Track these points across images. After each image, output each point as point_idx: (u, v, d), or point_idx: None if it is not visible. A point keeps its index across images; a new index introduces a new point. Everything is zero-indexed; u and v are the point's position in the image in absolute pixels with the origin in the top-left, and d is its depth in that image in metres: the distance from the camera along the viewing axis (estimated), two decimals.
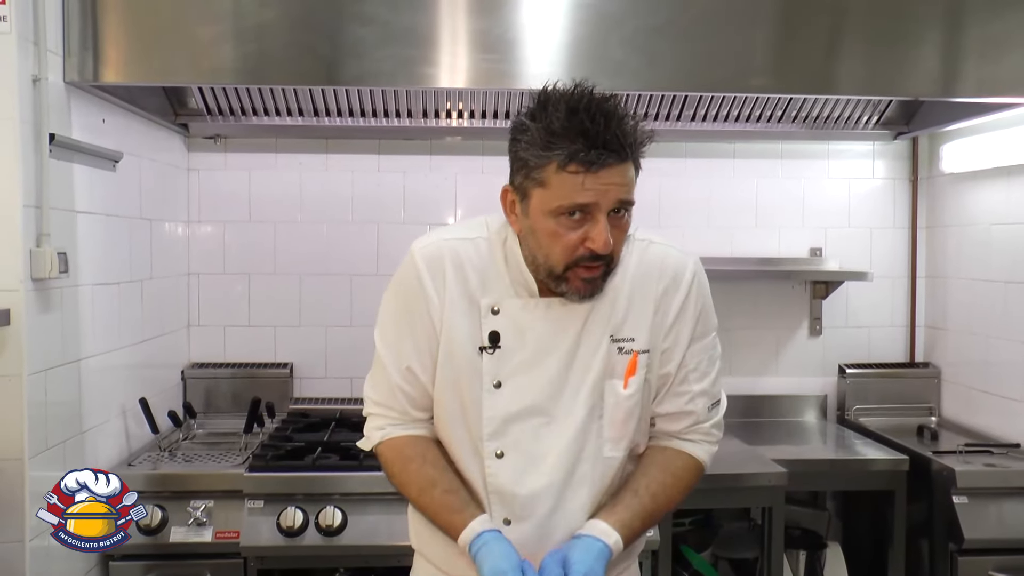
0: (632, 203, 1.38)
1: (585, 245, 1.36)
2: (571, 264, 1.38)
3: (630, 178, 1.37)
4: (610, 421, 1.48)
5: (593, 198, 1.33)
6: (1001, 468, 2.63)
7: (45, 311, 2.13)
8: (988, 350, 3.03)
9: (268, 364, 3.24)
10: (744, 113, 3.07)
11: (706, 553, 2.80)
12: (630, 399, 1.47)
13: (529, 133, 1.35)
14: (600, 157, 1.30)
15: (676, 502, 1.54)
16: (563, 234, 1.36)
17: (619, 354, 1.47)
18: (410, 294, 1.49)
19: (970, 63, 2.54)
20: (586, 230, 1.35)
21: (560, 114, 1.31)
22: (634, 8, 2.39)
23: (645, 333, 1.48)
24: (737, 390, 3.36)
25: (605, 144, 1.30)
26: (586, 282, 1.40)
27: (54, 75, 2.18)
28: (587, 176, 1.31)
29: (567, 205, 1.33)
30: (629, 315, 1.47)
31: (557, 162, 1.32)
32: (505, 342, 1.46)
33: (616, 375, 1.47)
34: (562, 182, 1.33)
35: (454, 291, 1.47)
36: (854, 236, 3.41)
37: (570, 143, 1.30)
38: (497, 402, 1.47)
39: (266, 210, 3.25)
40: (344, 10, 2.33)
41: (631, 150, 1.35)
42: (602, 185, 1.32)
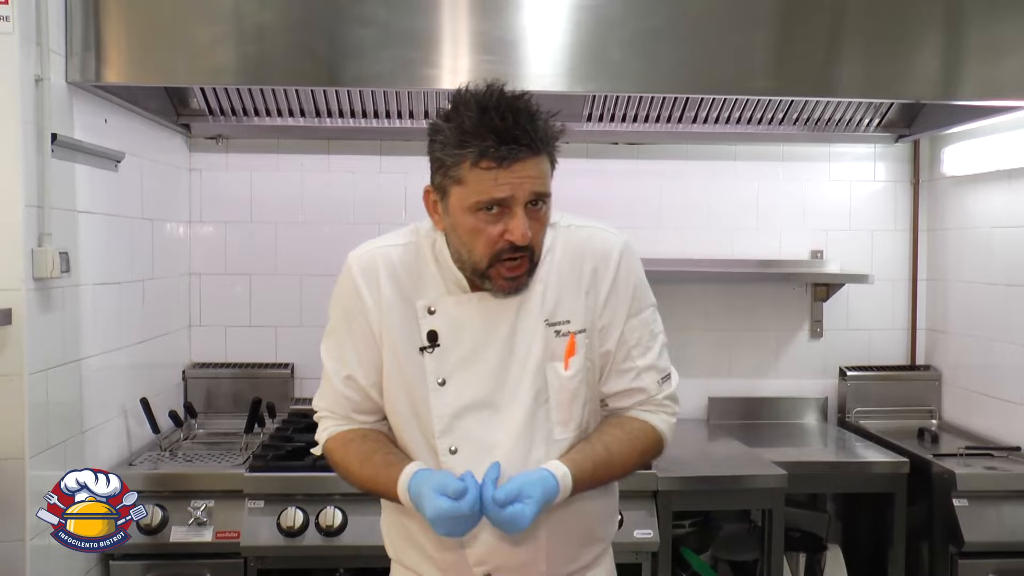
0: (548, 195, 1.43)
1: (504, 238, 1.39)
2: (493, 259, 1.42)
3: (544, 171, 1.41)
4: (557, 404, 1.50)
5: (508, 192, 1.37)
6: (1001, 471, 2.63)
7: (46, 311, 2.13)
8: (989, 353, 3.03)
9: (269, 364, 3.24)
10: (745, 115, 3.07)
11: (706, 555, 2.80)
12: (573, 379, 1.50)
13: (443, 133, 1.40)
14: (511, 152, 1.35)
15: (632, 461, 1.54)
16: (483, 229, 1.40)
17: (556, 337, 1.50)
18: (348, 304, 1.54)
19: (971, 66, 2.54)
20: (504, 223, 1.39)
21: (471, 113, 1.36)
22: (634, 10, 2.39)
23: (579, 314, 1.51)
24: (737, 392, 3.36)
25: (515, 139, 1.35)
26: (509, 280, 1.44)
27: (56, 75, 2.19)
28: (500, 171, 1.36)
29: (484, 200, 1.38)
30: (561, 298, 1.51)
31: (471, 159, 1.36)
32: (443, 340, 1.50)
33: (557, 358, 1.50)
34: (477, 178, 1.37)
35: (390, 296, 1.51)
36: (855, 238, 3.40)
37: (481, 140, 1.35)
38: (443, 399, 1.50)
39: (267, 210, 3.25)
40: (345, 11, 2.33)
41: (542, 144, 1.39)
42: (516, 179, 1.37)
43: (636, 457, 1.54)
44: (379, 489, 1.50)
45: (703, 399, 3.34)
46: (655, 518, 2.47)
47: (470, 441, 1.49)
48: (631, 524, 2.42)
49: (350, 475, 1.54)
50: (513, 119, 1.35)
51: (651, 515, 2.47)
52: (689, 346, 3.30)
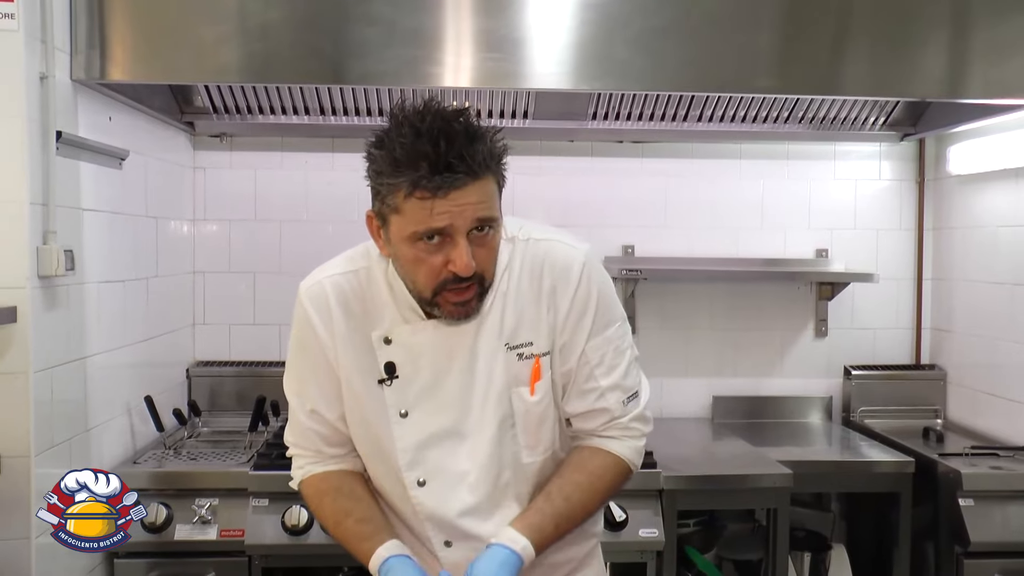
0: (494, 219, 1.33)
1: (448, 268, 1.32)
2: (438, 288, 1.34)
3: (487, 194, 1.31)
4: (523, 429, 1.46)
5: (447, 221, 1.28)
6: (1007, 471, 2.62)
7: (51, 309, 2.13)
8: (994, 352, 3.02)
9: (273, 363, 3.23)
10: (750, 114, 3.06)
11: (711, 554, 2.79)
12: (539, 404, 1.45)
13: (376, 162, 1.33)
14: (446, 181, 1.25)
15: (597, 501, 1.49)
16: (424, 259, 1.32)
17: (520, 360, 1.43)
18: (304, 337, 1.49)
19: (977, 64, 2.53)
20: (446, 253, 1.31)
21: (405, 139, 1.27)
22: (640, 8, 2.39)
23: (543, 335, 1.44)
24: (742, 391, 3.36)
25: (449, 167, 1.25)
26: (457, 305, 1.36)
27: (61, 73, 2.19)
28: (436, 200, 1.26)
29: (421, 231, 1.29)
30: (522, 319, 1.44)
31: (404, 190, 1.28)
32: (402, 370, 1.44)
33: (521, 382, 1.44)
34: (413, 208, 1.28)
35: (342, 328, 1.45)
36: (860, 237, 3.40)
37: (414, 170, 1.26)
38: (407, 431, 1.45)
39: (271, 209, 3.25)
40: (350, 10, 2.33)
41: (481, 168, 1.28)
42: (455, 207, 1.27)
43: (599, 499, 1.49)
44: (351, 549, 1.46)
45: (708, 398, 3.33)
46: (660, 517, 2.47)
47: (438, 472, 1.46)
48: (636, 523, 2.42)
49: (324, 526, 1.54)
50: (447, 144, 1.24)
51: (656, 514, 2.46)
52: (694, 345, 3.29)
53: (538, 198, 3.16)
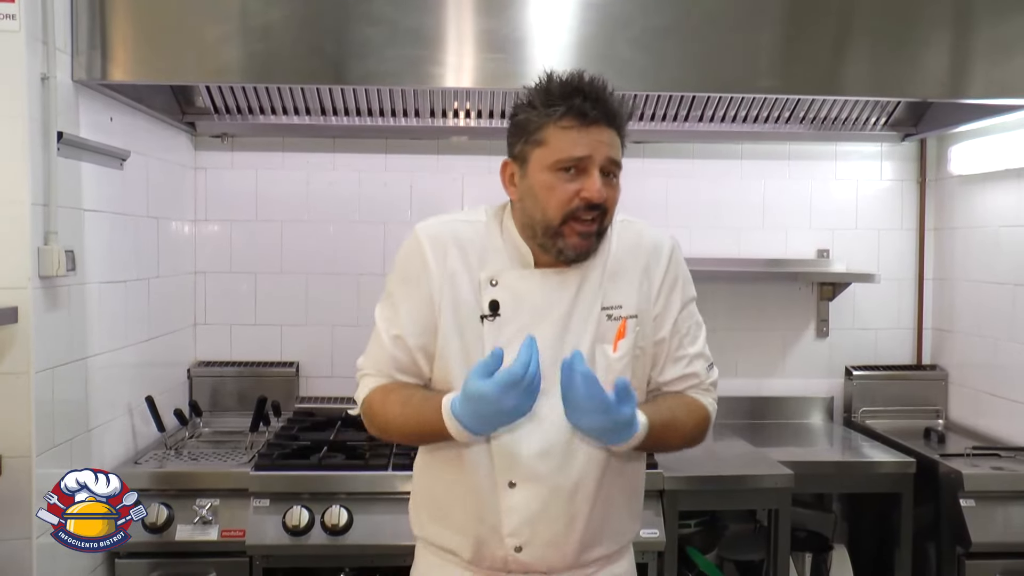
0: (620, 166, 1.51)
1: (581, 195, 1.47)
2: (567, 216, 1.48)
3: (618, 145, 1.50)
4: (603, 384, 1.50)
5: (587, 151, 1.46)
6: (1009, 471, 2.61)
7: (52, 309, 2.13)
8: (996, 353, 3.02)
9: (274, 363, 3.24)
10: (752, 114, 3.06)
11: (712, 555, 2.79)
12: (619, 361, 1.55)
13: (530, 97, 1.51)
14: (592, 110, 1.45)
15: (689, 430, 1.60)
16: (559, 187, 1.47)
17: (608, 320, 1.56)
18: (412, 268, 1.58)
19: (978, 64, 2.53)
20: (581, 182, 1.47)
21: (559, 80, 1.49)
22: (641, 8, 2.39)
23: (632, 301, 1.58)
24: (743, 391, 3.36)
25: (597, 100, 1.46)
26: (582, 237, 1.49)
27: (62, 73, 2.19)
28: (580, 131, 1.45)
29: (564, 159, 1.46)
30: (616, 285, 1.58)
31: (555, 118, 1.46)
32: (504, 310, 1.54)
33: (607, 340, 1.55)
34: (559, 138, 1.46)
35: (456, 266, 1.56)
36: (861, 238, 3.40)
37: (566, 100, 1.46)
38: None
39: (273, 209, 3.25)
40: (351, 10, 2.33)
41: (618, 117, 1.49)
42: (595, 141, 1.46)
43: (692, 428, 1.61)
44: (421, 422, 1.50)
45: None
46: (661, 517, 2.46)
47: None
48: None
49: (390, 421, 1.57)
50: (592, 87, 1.46)
51: (657, 514, 2.46)
52: None
53: None
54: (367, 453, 2.55)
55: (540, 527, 1.54)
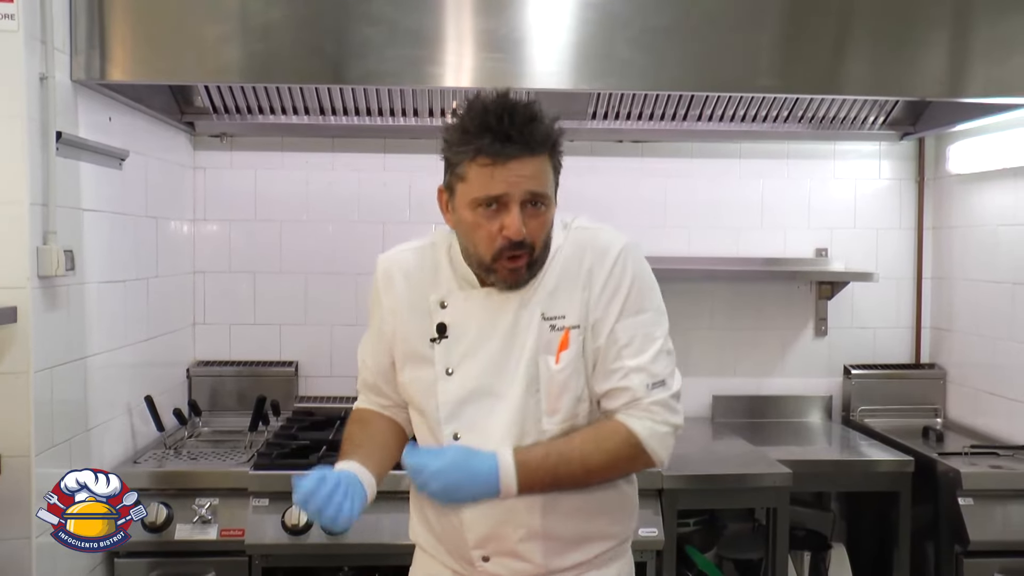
0: (545, 195, 1.49)
1: (502, 234, 1.47)
2: (496, 255, 1.49)
3: (540, 172, 1.47)
4: (546, 394, 1.54)
5: (503, 189, 1.44)
6: (1007, 470, 2.62)
7: (51, 309, 2.13)
8: (994, 352, 3.02)
9: (273, 362, 3.24)
10: (750, 113, 3.06)
11: (711, 553, 2.80)
12: (562, 372, 1.54)
13: (449, 132, 1.50)
14: (504, 149, 1.42)
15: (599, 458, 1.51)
16: (483, 224, 1.48)
17: (551, 331, 1.55)
18: (372, 302, 1.70)
19: (977, 64, 2.53)
20: (502, 219, 1.46)
21: (474, 114, 1.45)
22: (640, 8, 2.39)
23: (576, 310, 1.55)
24: (742, 391, 3.36)
25: (508, 138, 1.42)
26: (511, 272, 1.50)
27: (61, 73, 2.19)
28: (496, 168, 1.43)
29: (481, 197, 1.46)
30: (558, 294, 1.56)
31: (469, 156, 1.45)
32: (452, 332, 1.58)
33: (549, 351, 1.54)
34: (476, 175, 1.46)
35: (404, 296, 1.63)
36: (860, 237, 3.40)
37: (479, 138, 1.43)
38: (449, 387, 1.57)
39: (272, 209, 3.25)
40: (351, 10, 2.33)
41: (538, 145, 1.45)
42: (512, 176, 1.44)
43: (603, 458, 1.51)
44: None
45: (708, 397, 3.33)
46: (660, 516, 2.47)
47: (472, 427, 1.56)
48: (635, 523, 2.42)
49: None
50: (510, 120, 1.42)
51: (656, 513, 2.47)
52: (694, 344, 3.29)
53: None
54: None
55: (498, 539, 1.55)
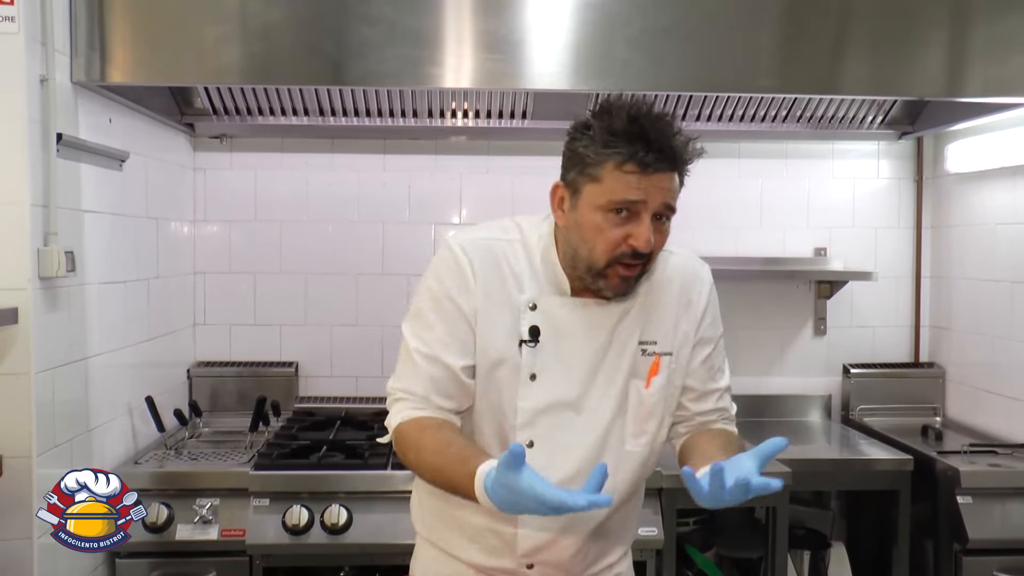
0: (674, 210, 1.46)
1: (628, 242, 1.42)
2: (612, 261, 1.44)
3: (675, 188, 1.45)
4: (633, 418, 1.56)
5: (642, 196, 1.40)
6: (1006, 468, 2.62)
7: (52, 310, 2.14)
8: (993, 350, 3.03)
9: (273, 363, 3.25)
10: (749, 113, 3.07)
11: (710, 552, 2.80)
12: (651, 398, 1.56)
13: (592, 131, 1.43)
14: (655, 161, 1.39)
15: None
16: (608, 229, 1.42)
17: (643, 356, 1.55)
18: (448, 285, 1.52)
19: (976, 63, 2.54)
20: (629, 228, 1.42)
21: (622, 118, 1.40)
22: (640, 8, 2.39)
23: (668, 337, 1.57)
24: (741, 390, 3.32)
25: (661, 150, 1.39)
26: (623, 280, 1.46)
27: (61, 75, 2.19)
28: (640, 177, 1.39)
29: (617, 201, 1.41)
30: (652, 320, 1.56)
31: (615, 161, 1.40)
32: (543, 337, 1.52)
33: (639, 375, 1.55)
34: (616, 179, 1.40)
35: (493, 286, 1.52)
36: (859, 236, 3.41)
37: (629, 145, 1.38)
38: (531, 393, 1.52)
39: (272, 209, 3.26)
40: (350, 11, 2.33)
41: (680, 163, 1.44)
42: (653, 187, 1.41)
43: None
44: (453, 481, 1.38)
45: None
46: (660, 516, 2.47)
47: (548, 437, 1.52)
48: (636, 522, 2.42)
49: (420, 461, 1.46)
50: (662, 132, 1.40)
51: (656, 513, 2.47)
52: None
53: (538, 198, 3.13)
54: (366, 452, 2.56)
55: (553, 550, 1.56)
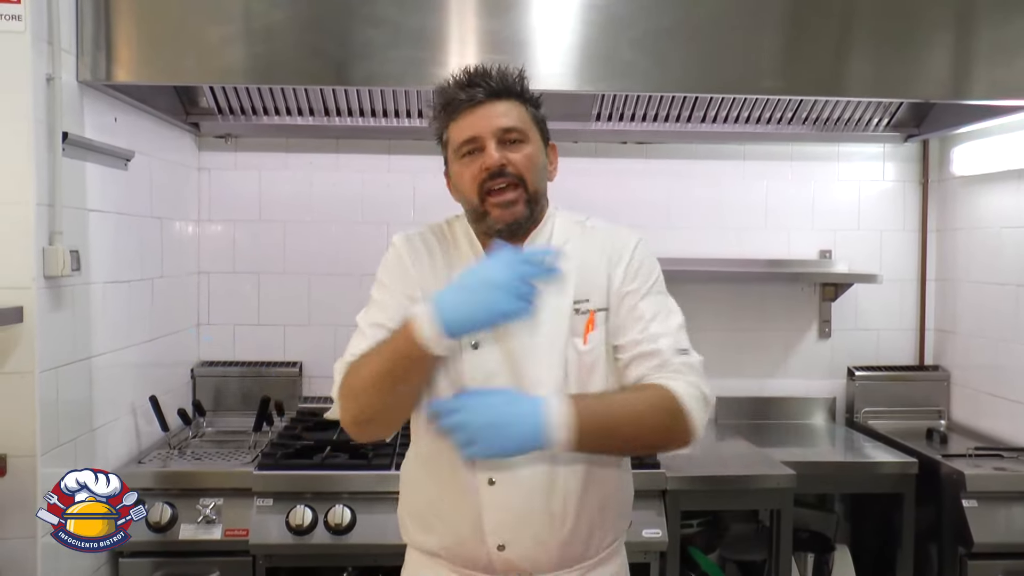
0: (519, 130, 1.56)
1: (483, 168, 1.54)
2: (481, 193, 1.55)
3: (511, 111, 1.56)
4: (575, 379, 1.58)
5: (474, 131, 1.54)
6: (1011, 472, 2.62)
7: (57, 309, 2.14)
8: (998, 353, 3.02)
9: (277, 363, 3.25)
10: (754, 115, 3.06)
11: (714, 555, 2.80)
12: (590, 353, 1.59)
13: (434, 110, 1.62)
14: (471, 94, 1.54)
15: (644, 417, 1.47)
16: (466, 170, 1.56)
17: (577, 315, 1.59)
18: (392, 273, 1.66)
19: (981, 66, 2.53)
20: (480, 159, 1.55)
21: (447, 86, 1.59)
22: (644, 10, 2.39)
23: (599, 294, 1.61)
24: (746, 392, 3.36)
25: (471, 84, 1.55)
26: (502, 207, 1.55)
27: (67, 74, 2.20)
28: (467, 116, 1.55)
29: (459, 144, 1.56)
30: (584, 280, 1.61)
31: (450, 118, 1.58)
32: None
33: (576, 334, 1.59)
34: (455, 131, 1.57)
35: (427, 268, 1.64)
36: (864, 238, 3.40)
37: (454, 99, 1.56)
38: (476, 359, 1.57)
39: (276, 209, 3.26)
40: (354, 11, 2.34)
41: (501, 90, 1.56)
42: (480, 119, 1.54)
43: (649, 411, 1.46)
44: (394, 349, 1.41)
45: (711, 399, 3.33)
46: (663, 517, 2.47)
47: None
48: (639, 524, 2.42)
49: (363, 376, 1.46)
50: (472, 73, 1.56)
51: (659, 514, 2.47)
52: (697, 346, 3.25)
53: None
54: (370, 453, 2.56)
55: (521, 525, 1.55)
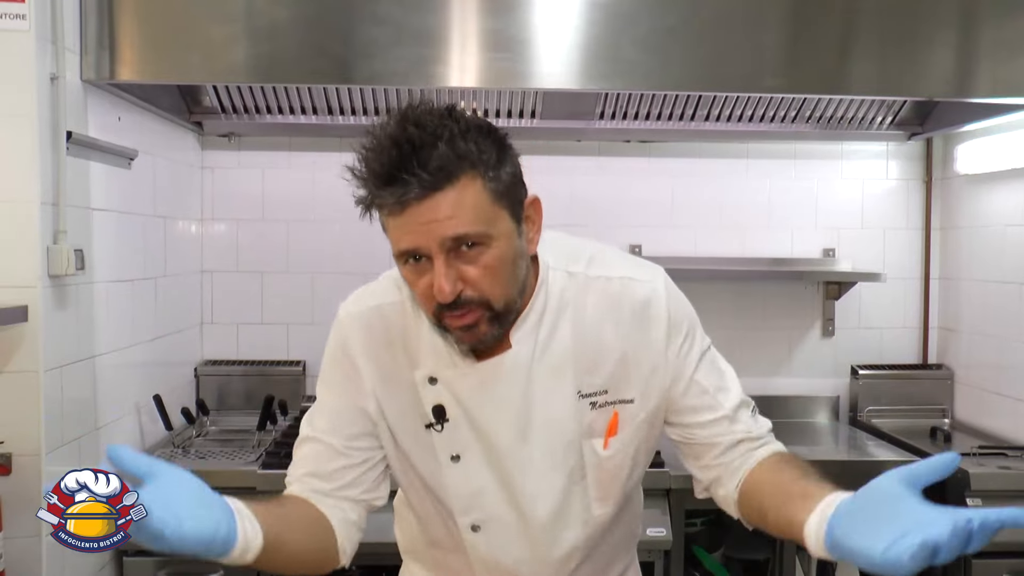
0: (474, 234, 1.12)
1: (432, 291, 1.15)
2: (437, 313, 1.18)
3: (464, 205, 1.11)
4: (595, 482, 1.33)
5: (413, 242, 1.13)
6: (1015, 470, 2.61)
7: (61, 308, 2.14)
8: (1002, 352, 3.02)
9: (281, 362, 3.25)
10: (757, 113, 3.06)
11: (718, 553, 2.80)
12: (611, 459, 1.31)
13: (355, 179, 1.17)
14: (393, 195, 1.09)
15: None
16: (415, 281, 1.18)
17: (593, 410, 1.29)
18: (337, 369, 1.36)
19: (985, 63, 2.53)
20: (430, 276, 1.14)
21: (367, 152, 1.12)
22: (647, 8, 2.39)
23: (624, 382, 1.29)
24: (748, 391, 3.28)
25: (390, 181, 1.08)
26: (462, 331, 1.19)
27: (71, 73, 2.20)
28: (398, 219, 1.12)
29: (397, 253, 1.17)
30: (597, 365, 1.28)
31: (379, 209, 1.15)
32: (451, 413, 1.28)
33: (595, 434, 1.30)
34: (390, 228, 1.15)
35: (385, 366, 1.31)
36: (867, 237, 3.39)
37: (372, 187, 1.12)
38: (459, 475, 1.31)
39: (279, 208, 3.26)
40: (357, 10, 2.34)
41: (440, 177, 1.09)
42: (418, 224, 1.11)
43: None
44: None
45: None
46: (668, 516, 2.46)
47: (495, 519, 1.33)
48: (643, 522, 2.40)
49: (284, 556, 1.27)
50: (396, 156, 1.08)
51: (664, 513, 2.47)
52: None
53: (545, 198, 3.12)
54: None
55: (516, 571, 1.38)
